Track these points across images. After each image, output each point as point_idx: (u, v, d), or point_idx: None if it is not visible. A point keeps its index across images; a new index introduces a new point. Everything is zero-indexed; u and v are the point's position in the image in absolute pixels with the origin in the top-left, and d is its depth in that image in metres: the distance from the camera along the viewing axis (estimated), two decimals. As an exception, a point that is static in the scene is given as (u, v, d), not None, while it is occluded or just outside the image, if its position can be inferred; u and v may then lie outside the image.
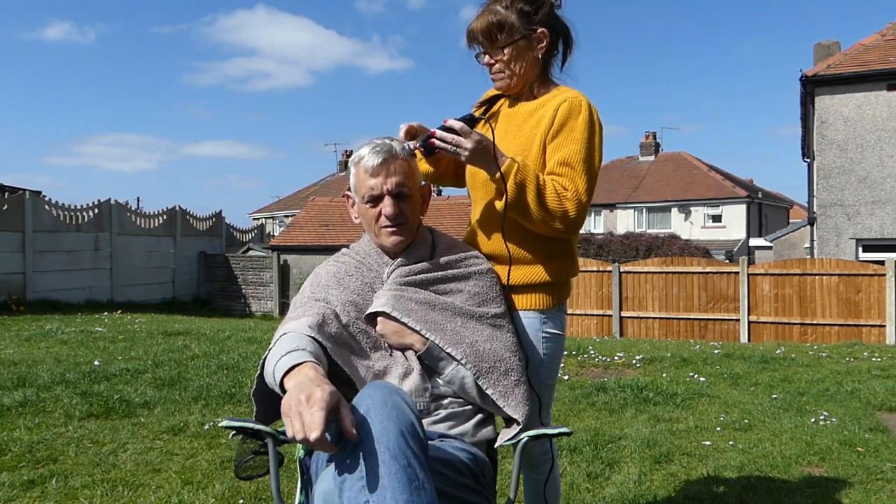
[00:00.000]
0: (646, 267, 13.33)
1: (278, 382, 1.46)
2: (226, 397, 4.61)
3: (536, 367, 1.98)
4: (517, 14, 1.90)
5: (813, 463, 3.68)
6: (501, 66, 1.94)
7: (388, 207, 1.83)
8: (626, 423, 4.40)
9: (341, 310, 1.79)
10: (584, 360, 7.02)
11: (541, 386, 1.99)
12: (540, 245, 1.96)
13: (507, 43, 1.91)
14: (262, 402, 1.71)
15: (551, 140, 1.89)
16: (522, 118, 2.00)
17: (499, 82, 1.99)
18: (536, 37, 1.93)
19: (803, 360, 7.29)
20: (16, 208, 13.62)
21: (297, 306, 1.80)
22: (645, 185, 32.31)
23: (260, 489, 3.03)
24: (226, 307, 18.48)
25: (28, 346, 6.96)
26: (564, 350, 2.17)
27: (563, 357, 2.80)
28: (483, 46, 1.94)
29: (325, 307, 1.76)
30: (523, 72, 1.96)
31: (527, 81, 1.99)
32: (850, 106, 14.17)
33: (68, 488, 3.00)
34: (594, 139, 1.89)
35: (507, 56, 1.92)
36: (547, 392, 2.04)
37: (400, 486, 1.30)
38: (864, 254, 14.21)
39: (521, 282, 1.98)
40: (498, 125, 2.04)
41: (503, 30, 1.90)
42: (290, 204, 37.35)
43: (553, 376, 2.05)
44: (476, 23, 1.93)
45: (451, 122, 1.79)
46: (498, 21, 1.89)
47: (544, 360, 1.99)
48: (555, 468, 2.17)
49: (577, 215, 1.83)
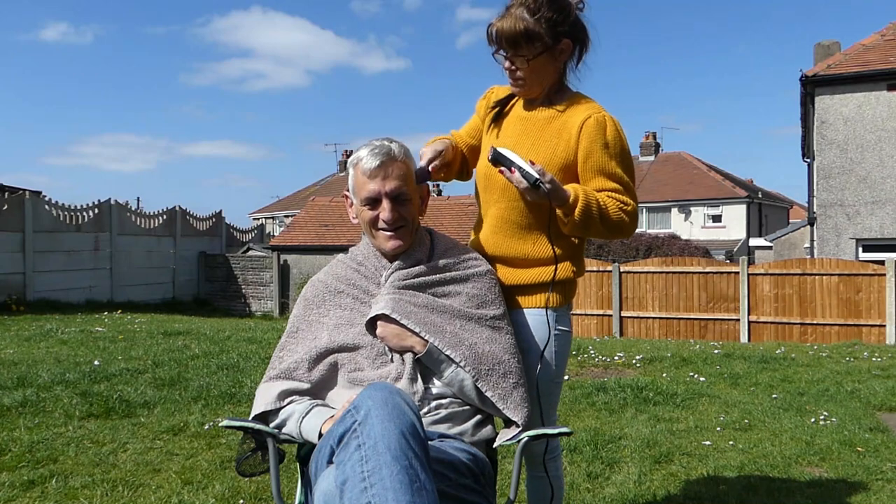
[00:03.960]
0: (646, 267, 13.33)
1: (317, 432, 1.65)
2: (226, 397, 4.61)
3: (548, 364, 2.00)
4: (546, 24, 1.87)
5: (813, 463, 3.68)
6: (523, 74, 1.93)
7: (385, 212, 1.83)
8: (626, 423, 4.40)
9: (327, 338, 1.84)
10: (584, 360, 7.01)
11: (550, 383, 2.02)
12: (554, 245, 1.98)
13: (533, 54, 1.89)
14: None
15: (586, 158, 1.92)
16: (541, 124, 2.00)
17: (517, 87, 1.99)
18: (560, 48, 1.92)
19: (803, 360, 7.29)
20: (16, 208, 13.61)
21: (281, 348, 1.90)
22: (645, 185, 32.31)
23: (260, 489, 3.03)
24: (226, 307, 18.47)
25: (28, 346, 6.96)
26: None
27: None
28: (505, 51, 1.92)
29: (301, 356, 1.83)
30: (543, 80, 1.97)
31: (544, 88, 2.00)
32: (850, 106, 14.17)
33: (68, 488, 3.00)
34: (627, 150, 1.96)
35: (531, 66, 1.91)
36: (555, 390, 2.07)
37: (401, 486, 1.30)
38: (864, 254, 14.21)
39: (535, 280, 2.01)
40: (513, 126, 2.05)
41: (530, 41, 1.87)
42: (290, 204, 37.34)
43: (562, 373, 2.08)
44: (502, 24, 1.88)
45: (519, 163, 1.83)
46: (525, 31, 1.86)
47: (555, 357, 2.02)
48: (558, 466, 2.18)
49: (635, 224, 1.95)
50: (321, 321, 1.88)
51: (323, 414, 1.69)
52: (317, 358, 1.82)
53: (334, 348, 1.82)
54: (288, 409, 1.77)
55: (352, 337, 1.83)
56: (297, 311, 1.93)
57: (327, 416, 1.68)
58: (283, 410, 1.77)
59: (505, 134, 2.06)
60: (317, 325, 1.88)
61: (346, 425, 1.40)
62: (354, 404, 1.42)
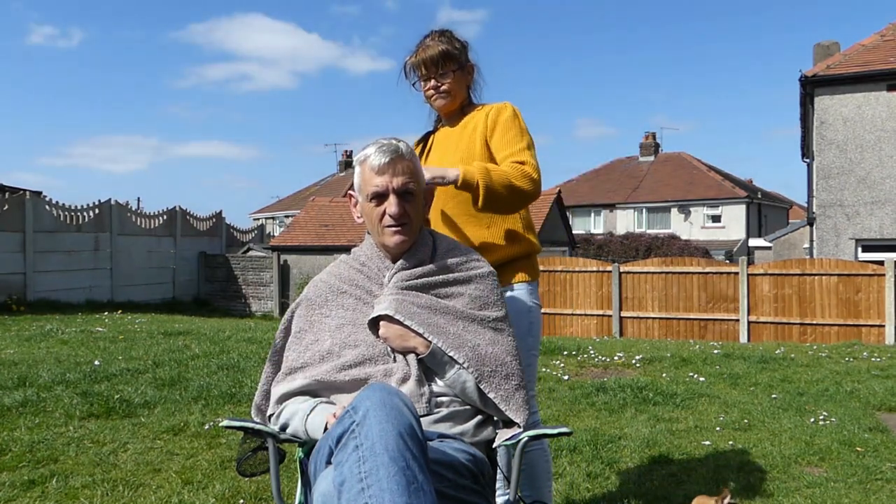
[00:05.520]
0: (646, 267, 13.33)
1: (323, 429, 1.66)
2: (226, 397, 4.62)
3: (525, 335, 2.24)
4: (458, 48, 2.33)
5: (812, 463, 3.68)
6: (447, 88, 2.32)
7: (392, 206, 1.84)
8: (625, 423, 4.40)
9: (329, 338, 1.85)
10: (584, 360, 7.02)
11: (529, 354, 2.24)
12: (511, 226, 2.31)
13: (453, 69, 2.31)
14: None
15: (491, 137, 2.29)
16: (458, 133, 2.36)
17: (440, 102, 2.35)
18: (468, 68, 2.38)
19: (803, 360, 7.29)
20: (16, 208, 13.61)
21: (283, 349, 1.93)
22: (645, 185, 32.31)
23: (260, 489, 3.03)
24: (226, 307, 18.47)
25: (28, 346, 6.96)
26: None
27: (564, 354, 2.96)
28: (430, 72, 2.31)
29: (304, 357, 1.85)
30: (459, 94, 2.36)
31: (459, 102, 2.38)
32: (850, 106, 14.17)
33: (68, 488, 3.00)
34: (522, 123, 2.31)
35: (452, 80, 2.31)
36: (534, 361, 2.33)
37: (399, 488, 1.30)
38: (863, 254, 14.21)
39: (511, 256, 2.30)
40: (438, 146, 2.42)
41: (451, 59, 2.30)
42: (290, 204, 37.33)
43: (538, 345, 2.37)
44: (426, 52, 2.29)
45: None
46: (447, 51, 2.29)
47: (531, 328, 2.30)
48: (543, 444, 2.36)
49: (538, 176, 2.19)
50: (323, 321, 1.88)
51: (328, 411, 1.70)
52: (320, 359, 1.82)
53: (337, 349, 1.82)
54: (291, 407, 1.77)
55: (354, 337, 1.83)
56: (300, 311, 1.93)
57: (332, 412, 1.69)
58: (287, 409, 1.78)
59: (433, 156, 2.42)
60: (319, 326, 1.88)
61: (344, 426, 1.40)
62: (353, 405, 1.42)
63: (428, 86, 2.34)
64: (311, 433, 1.70)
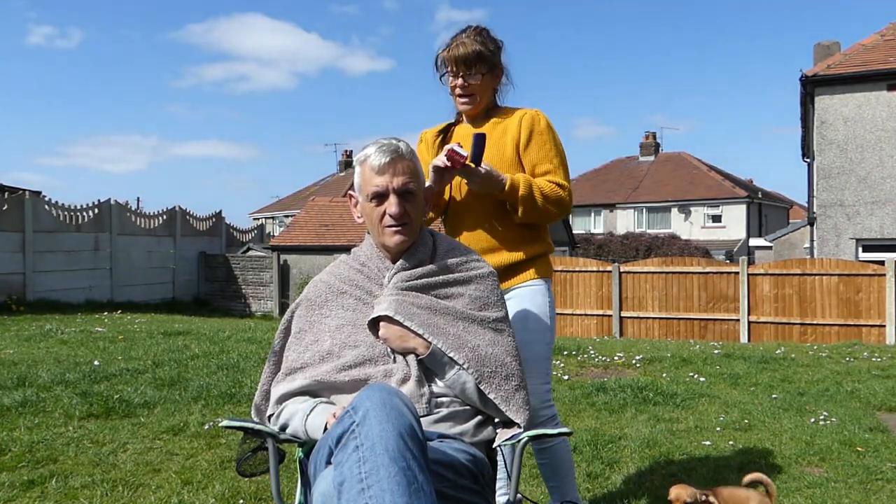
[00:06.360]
0: (646, 267, 13.33)
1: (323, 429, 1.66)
2: (226, 397, 4.61)
3: (545, 328, 2.33)
4: (491, 50, 2.33)
5: (813, 463, 3.68)
6: (473, 90, 2.33)
7: (392, 206, 1.84)
8: (626, 423, 4.40)
9: (329, 338, 1.85)
10: (584, 360, 7.01)
11: (547, 347, 2.33)
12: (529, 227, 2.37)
13: (483, 72, 2.31)
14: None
15: (524, 148, 2.33)
16: (488, 132, 2.32)
17: (464, 103, 2.37)
18: (497, 71, 2.38)
19: (803, 360, 7.29)
20: (16, 208, 13.60)
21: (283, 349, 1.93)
22: (645, 185, 32.31)
23: (260, 489, 3.03)
24: (226, 307, 18.46)
25: (28, 346, 6.96)
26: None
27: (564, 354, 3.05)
28: (460, 70, 2.31)
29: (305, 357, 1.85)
30: (484, 97, 2.37)
31: (484, 105, 2.40)
32: (850, 106, 14.17)
33: (68, 488, 3.00)
34: (556, 136, 2.37)
35: (479, 82, 2.32)
36: (550, 354, 2.38)
37: (399, 488, 1.30)
38: (863, 254, 14.21)
39: (529, 255, 2.36)
40: (464, 142, 2.34)
41: (482, 60, 2.30)
42: (290, 204, 37.32)
43: (553, 341, 2.42)
44: (457, 49, 2.29)
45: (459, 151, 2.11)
46: (479, 52, 2.29)
47: (549, 325, 2.35)
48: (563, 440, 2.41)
49: (570, 200, 2.33)
50: (323, 322, 1.88)
51: (327, 411, 1.69)
52: (320, 359, 1.82)
53: (336, 349, 1.82)
54: (291, 408, 1.77)
55: (354, 338, 1.83)
56: (300, 311, 1.93)
57: (332, 412, 1.68)
58: (287, 410, 1.78)
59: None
60: (319, 326, 1.88)
61: (344, 426, 1.40)
62: (353, 405, 1.42)
63: (455, 83, 2.35)
64: (310, 433, 1.69)
